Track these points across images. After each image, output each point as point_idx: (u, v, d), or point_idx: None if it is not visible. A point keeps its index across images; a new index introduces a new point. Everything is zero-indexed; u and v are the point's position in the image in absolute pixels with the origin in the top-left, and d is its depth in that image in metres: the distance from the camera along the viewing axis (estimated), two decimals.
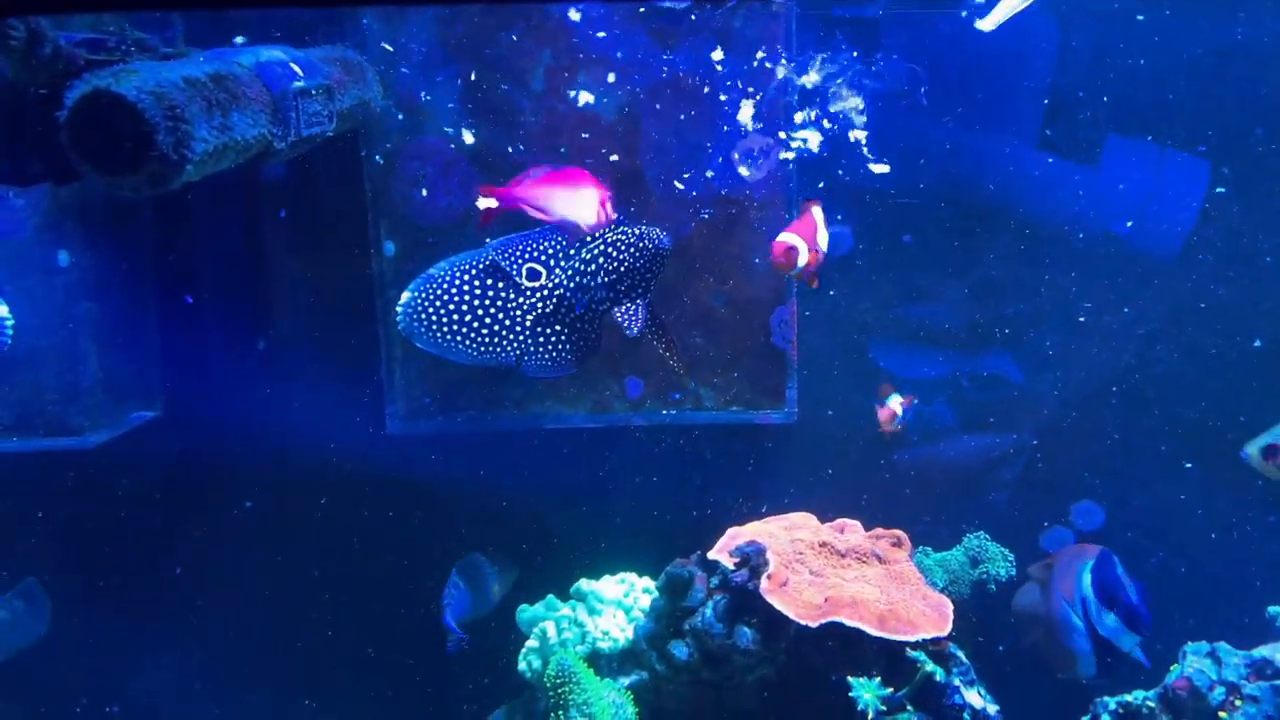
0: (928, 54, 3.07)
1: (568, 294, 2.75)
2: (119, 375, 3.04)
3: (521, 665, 2.99)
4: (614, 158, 2.98)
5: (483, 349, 2.75)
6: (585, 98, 2.88)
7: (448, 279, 2.77)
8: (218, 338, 3.22)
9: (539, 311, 2.73)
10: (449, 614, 2.95)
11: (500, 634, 3.11)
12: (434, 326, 2.75)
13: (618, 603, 3.00)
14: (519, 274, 2.73)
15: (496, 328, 2.75)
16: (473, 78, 2.96)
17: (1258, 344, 3.20)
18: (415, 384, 3.14)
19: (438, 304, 2.77)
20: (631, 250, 2.76)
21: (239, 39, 2.57)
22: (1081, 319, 3.27)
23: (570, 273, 2.74)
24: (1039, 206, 3.19)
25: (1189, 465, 3.29)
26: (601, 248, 2.77)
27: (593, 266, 2.75)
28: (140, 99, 1.70)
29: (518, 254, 2.79)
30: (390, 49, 2.93)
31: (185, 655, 3.32)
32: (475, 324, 2.75)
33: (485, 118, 2.99)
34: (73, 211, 2.88)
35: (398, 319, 2.75)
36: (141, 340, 3.14)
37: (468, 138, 2.88)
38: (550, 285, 2.75)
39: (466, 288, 2.75)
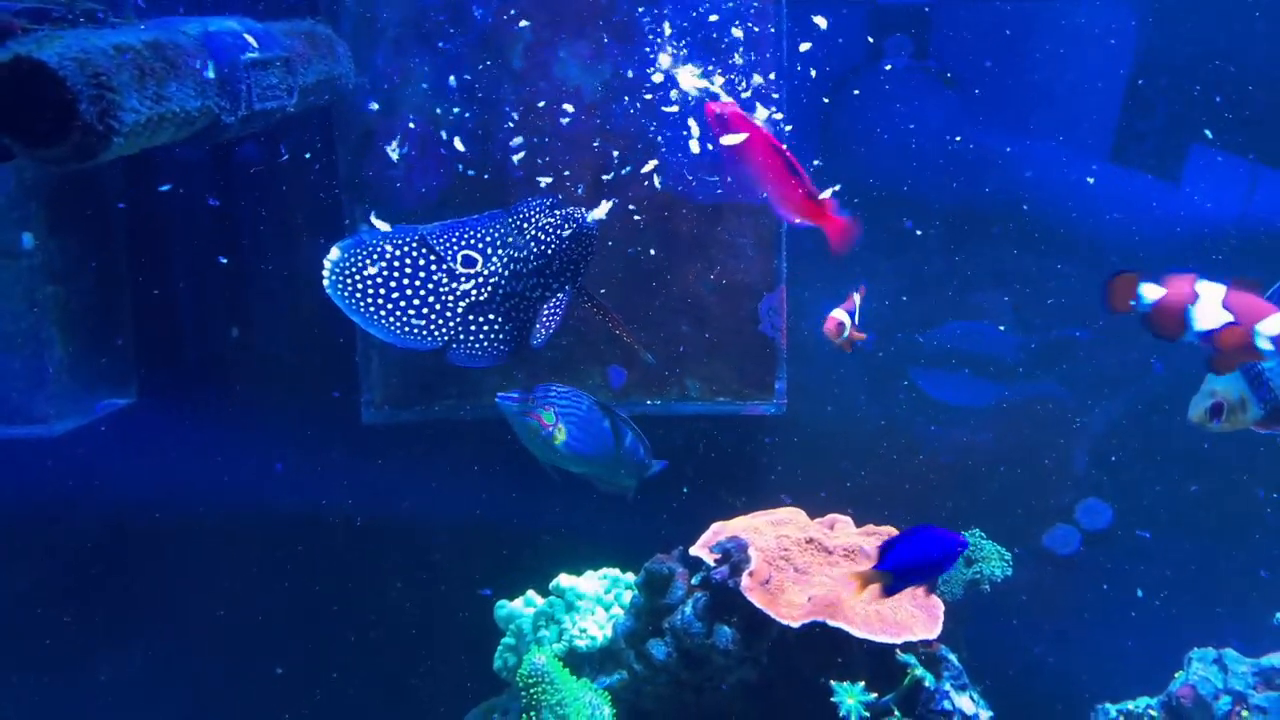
0: (983, 48, 2.96)
1: (502, 282, 2.61)
2: (88, 362, 2.96)
3: (497, 663, 2.91)
4: (595, 140, 2.88)
5: (407, 329, 2.56)
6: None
7: (377, 249, 2.57)
8: (193, 324, 3.15)
9: (472, 299, 2.57)
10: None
11: (478, 630, 3.02)
12: (359, 293, 2.55)
13: (597, 599, 2.91)
14: (454, 260, 2.58)
15: (425, 310, 2.57)
16: (450, 55, 2.86)
17: None
18: (391, 372, 3.05)
19: (367, 271, 2.58)
20: (557, 233, 2.63)
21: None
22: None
23: (505, 260, 2.60)
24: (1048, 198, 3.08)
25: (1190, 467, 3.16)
26: (533, 233, 2.64)
27: (524, 253, 2.61)
28: (62, 65, 1.60)
29: (454, 240, 2.64)
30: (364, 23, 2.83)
31: (151, 654, 3.25)
32: (402, 301, 2.55)
33: (463, 96, 2.89)
34: (38, 194, 2.80)
35: (324, 277, 2.55)
36: (114, 326, 3.06)
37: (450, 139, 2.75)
38: (485, 273, 2.59)
39: (396, 263, 2.56)
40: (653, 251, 2.97)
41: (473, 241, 2.62)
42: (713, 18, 2.84)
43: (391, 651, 3.32)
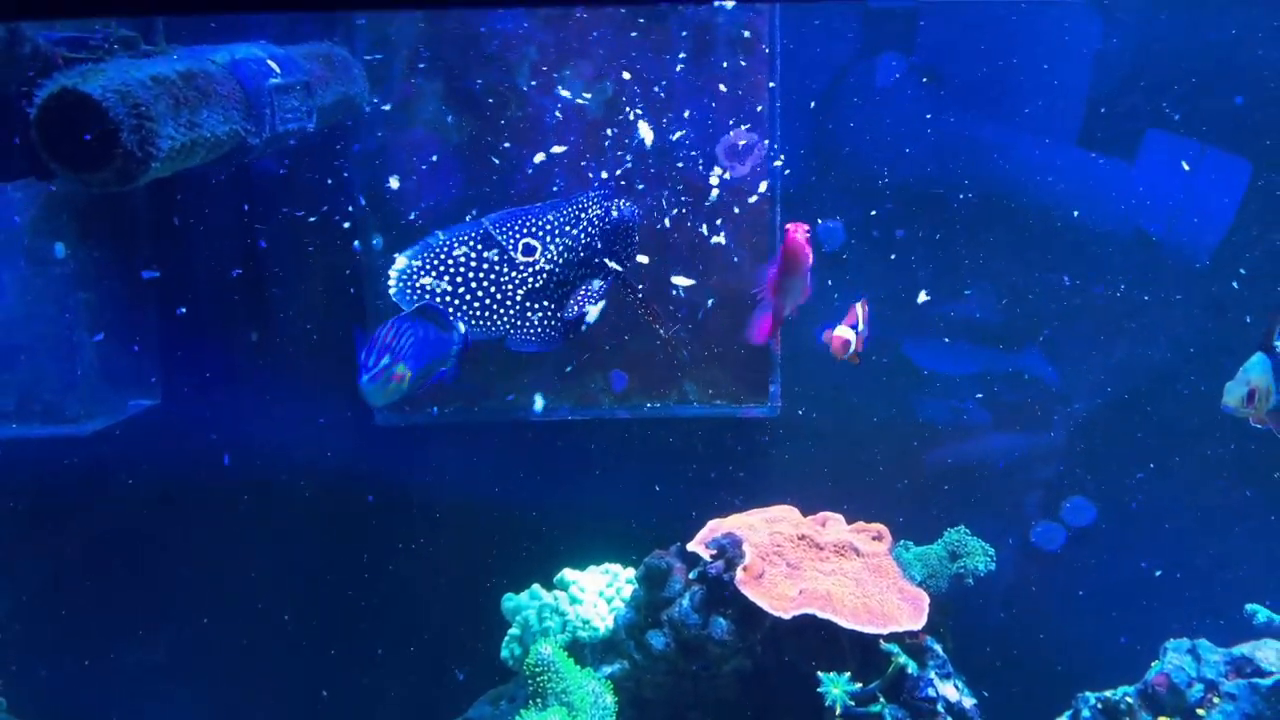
0: (960, 46, 3.10)
1: (557, 270, 2.72)
2: (116, 364, 3.11)
3: (504, 653, 3.04)
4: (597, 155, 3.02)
5: (473, 322, 2.70)
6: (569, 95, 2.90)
7: (445, 248, 2.70)
8: (214, 329, 3.28)
9: (529, 287, 2.69)
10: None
11: (486, 622, 3.16)
12: (426, 295, 2.69)
13: (600, 593, 3.04)
14: (515, 249, 2.70)
15: (489, 301, 2.69)
16: (460, 73, 3.00)
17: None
18: None
19: (433, 273, 2.72)
20: (604, 224, 2.75)
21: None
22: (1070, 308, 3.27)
23: (561, 248, 2.72)
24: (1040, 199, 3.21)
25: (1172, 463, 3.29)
26: (584, 223, 2.76)
27: (578, 242, 2.73)
28: (105, 97, 1.75)
29: (515, 229, 2.76)
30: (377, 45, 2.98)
31: (175, 641, 3.39)
32: (468, 295, 2.69)
33: (472, 114, 3.03)
34: (70, 205, 2.95)
35: (390, 285, 2.68)
36: (139, 330, 3.21)
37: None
38: (543, 261, 2.71)
39: (462, 259, 2.69)
40: (652, 260, 3.10)
41: (533, 229, 2.73)
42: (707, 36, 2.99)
43: (404, 643, 3.45)
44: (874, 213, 3.18)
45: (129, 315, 3.16)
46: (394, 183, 3.04)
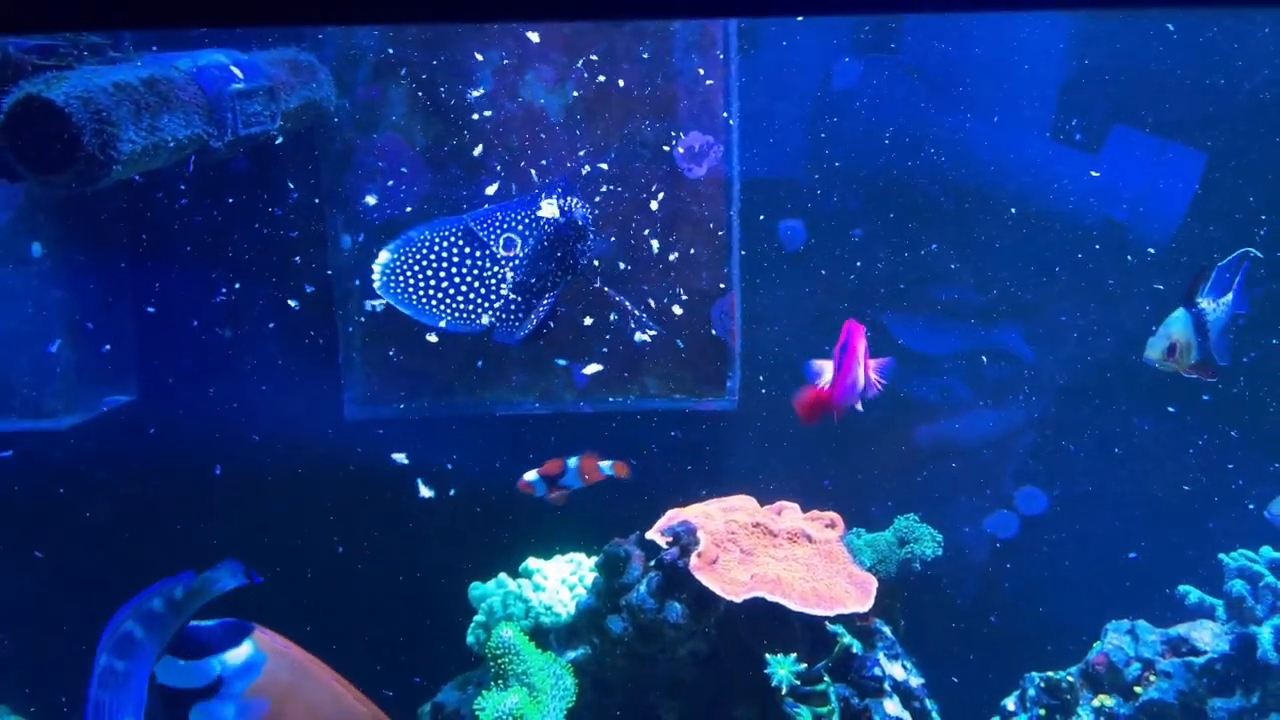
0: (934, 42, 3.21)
1: (532, 264, 2.80)
2: (92, 361, 3.20)
3: (470, 639, 3.13)
4: (559, 151, 3.12)
5: (457, 314, 2.77)
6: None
7: (427, 242, 2.78)
8: (189, 327, 3.37)
9: (510, 281, 2.77)
10: None
11: (455, 611, 3.25)
12: (410, 288, 2.76)
13: (563, 580, 3.14)
14: (496, 243, 2.78)
15: (471, 294, 2.77)
16: (425, 77, 3.09)
17: None
18: (373, 371, 3.28)
19: (416, 266, 2.78)
20: (559, 222, 2.83)
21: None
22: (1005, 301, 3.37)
23: (534, 243, 2.80)
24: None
25: (1119, 451, 3.39)
26: (545, 220, 2.83)
27: (548, 236, 2.81)
28: (68, 104, 1.84)
29: (496, 224, 2.84)
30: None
31: None
32: (450, 289, 2.77)
33: (437, 116, 3.13)
34: (46, 205, 3.04)
35: (374, 279, 2.75)
36: (116, 328, 3.30)
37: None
38: (522, 255, 2.79)
39: (445, 253, 2.76)
40: (615, 262, 3.20)
41: (513, 224, 2.81)
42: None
43: (374, 631, 3.54)
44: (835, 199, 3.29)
45: (105, 313, 3.25)
46: (364, 176, 3.13)
